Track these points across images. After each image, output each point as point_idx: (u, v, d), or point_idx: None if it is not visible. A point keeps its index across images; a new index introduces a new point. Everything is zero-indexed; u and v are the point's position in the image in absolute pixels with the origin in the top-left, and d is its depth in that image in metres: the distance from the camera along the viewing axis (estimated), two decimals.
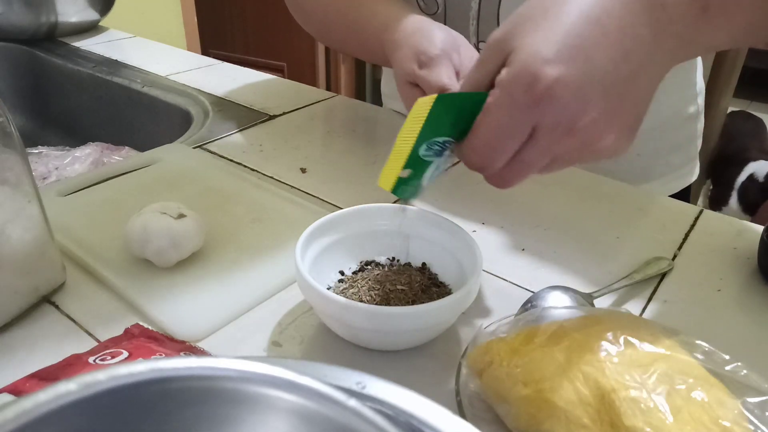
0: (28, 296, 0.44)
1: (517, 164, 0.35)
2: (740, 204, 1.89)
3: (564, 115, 0.32)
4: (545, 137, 0.33)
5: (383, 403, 0.21)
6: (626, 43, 0.32)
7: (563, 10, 0.31)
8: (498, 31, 0.34)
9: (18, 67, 1.10)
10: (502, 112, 0.32)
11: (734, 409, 0.31)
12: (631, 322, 0.37)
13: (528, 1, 0.34)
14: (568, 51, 0.31)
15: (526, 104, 0.31)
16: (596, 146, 0.34)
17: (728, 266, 0.53)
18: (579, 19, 0.31)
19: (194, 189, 0.61)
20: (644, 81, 0.34)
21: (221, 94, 0.89)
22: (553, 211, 0.60)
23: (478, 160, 0.35)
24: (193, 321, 0.43)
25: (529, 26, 0.32)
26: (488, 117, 0.33)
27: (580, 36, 0.31)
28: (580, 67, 0.31)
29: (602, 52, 0.31)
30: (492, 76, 0.34)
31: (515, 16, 0.33)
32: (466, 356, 0.38)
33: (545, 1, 0.33)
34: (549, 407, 0.32)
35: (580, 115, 0.32)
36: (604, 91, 0.32)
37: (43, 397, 0.16)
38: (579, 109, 0.32)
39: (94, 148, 0.85)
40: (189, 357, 0.18)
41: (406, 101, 0.52)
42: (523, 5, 0.34)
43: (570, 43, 0.31)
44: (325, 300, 0.39)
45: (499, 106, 0.32)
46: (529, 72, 0.31)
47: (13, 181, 0.40)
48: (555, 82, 0.30)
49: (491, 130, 0.33)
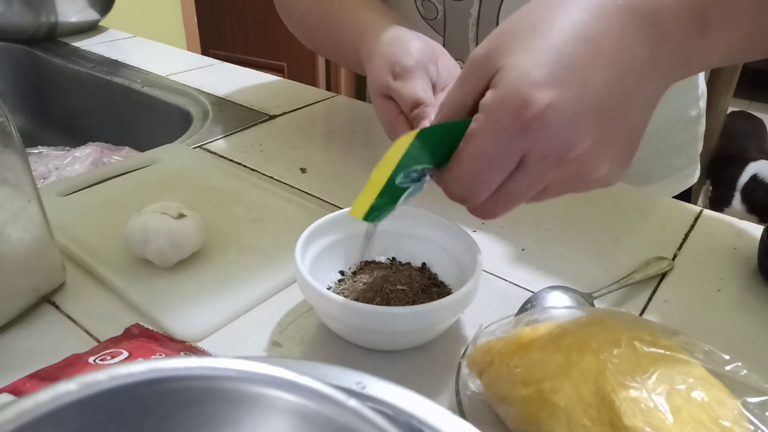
0: (28, 296, 0.44)
1: (503, 195, 0.32)
2: (744, 204, 1.88)
3: (555, 144, 0.29)
4: (534, 167, 0.30)
5: (383, 403, 0.21)
6: (621, 63, 0.29)
7: (553, 28, 0.29)
8: (481, 47, 0.31)
9: (18, 67, 1.10)
10: (487, 139, 0.29)
11: (734, 409, 0.31)
12: (631, 322, 0.37)
13: (513, 15, 0.31)
14: (560, 73, 0.28)
15: (514, 131, 0.28)
16: (590, 176, 0.32)
17: (728, 266, 0.53)
18: (571, 38, 0.29)
19: (194, 189, 0.61)
20: (640, 104, 0.31)
21: (221, 94, 0.89)
22: (553, 211, 0.60)
23: (460, 191, 0.32)
24: (193, 321, 0.43)
25: (516, 44, 0.29)
26: (472, 145, 0.30)
27: (573, 56, 0.28)
28: (573, 91, 0.28)
29: (596, 74, 0.29)
30: (475, 96, 0.31)
31: (500, 32, 0.31)
32: (466, 356, 0.38)
33: (532, 16, 0.30)
34: (549, 407, 0.32)
35: (573, 144, 0.29)
36: (598, 117, 0.29)
37: (43, 397, 0.16)
38: (571, 138, 0.29)
39: (94, 148, 0.85)
40: (189, 357, 0.18)
41: (380, 114, 0.50)
42: (508, 19, 0.31)
43: (562, 64, 0.28)
44: (324, 300, 0.39)
45: (483, 132, 0.29)
46: (518, 96, 0.28)
47: (13, 181, 0.40)
48: (546, 108, 0.28)
49: (475, 159, 0.30)
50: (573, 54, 0.28)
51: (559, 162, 0.30)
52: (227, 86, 0.92)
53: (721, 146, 2.01)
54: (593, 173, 0.32)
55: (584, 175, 0.32)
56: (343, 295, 0.43)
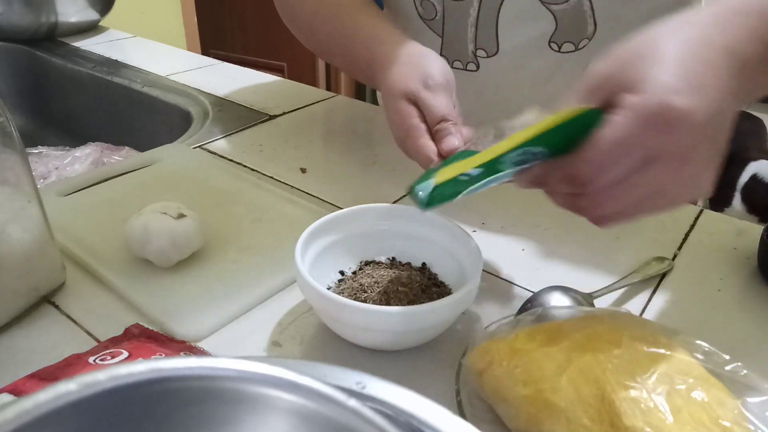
0: (28, 296, 0.44)
1: (622, 187, 0.34)
2: (745, 204, 1.88)
3: (684, 145, 0.33)
4: (661, 164, 0.33)
5: (383, 403, 0.21)
6: (724, 88, 0.33)
7: (673, 53, 0.33)
8: (601, 66, 0.35)
9: (18, 67, 1.10)
10: (629, 129, 0.32)
11: (734, 409, 0.31)
12: (631, 322, 0.37)
13: (625, 44, 0.35)
14: (692, 86, 0.32)
15: (655, 128, 0.32)
16: (697, 183, 0.35)
17: (728, 266, 0.53)
18: (692, 61, 0.33)
19: (194, 189, 0.61)
20: (728, 126, 0.35)
21: (221, 94, 0.89)
22: (553, 211, 0.60)
23: (588, 171, 0.34)
24: (193, 321, 0.43)
25: (647, 63, 0.33)
26: (612, 131, 0.33)
27: (698, 75, 0.32)
28: (702, 103, 0.32)
29: (713, 93, 0.33)
30: (599, 105, 0.35)
31: (620, 55, 0.34)
32: (466, 356, 0.38)
33: (648, 43, 0.34)
34: (549, 407, 0.32)
35: (697, 148, 0.33)
36: (713, 129, 0.33)
37: (43, 397, 0.16)
38: (697, 142, 0.33)
39: (94, 148, 0.85)
40: (189, 357, 0.18)
41: (399, 117, 0.49)
42: (621, 47, 0.35)
43: (692, 81, 0.32)
44: (324, 300, 0.39)
45: (627, 123, 0.32)
46: (664, 98, 0.32)
47: (13, 181, 0.40)
48: (686, 113, 0.31)
49: (614, 145, 0.33)
50: (698, 73, 0.33)
51: (682, 162, 0.33)
52: (227, 86, 0.92)
53: None
54: (701, 180, 0.35)
55: (695, 179, 0.35)
56: (343, 295, 0.43)
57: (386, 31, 0.56)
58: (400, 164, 0.68)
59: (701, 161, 0.34)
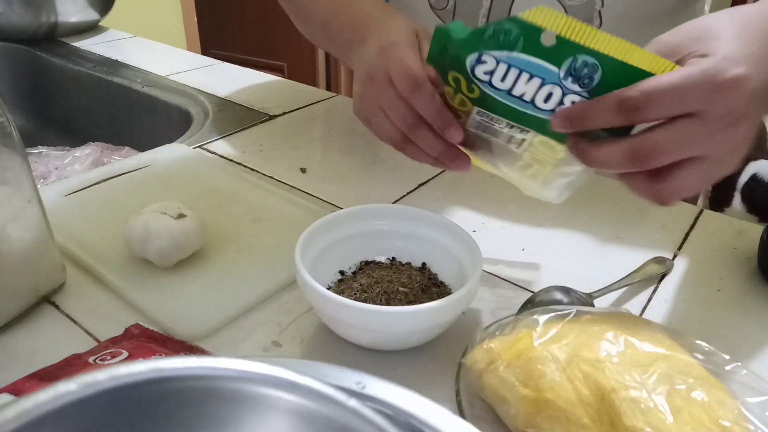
0: (28, 296, 0.44)
1: (674, 134, 0.36)
2: (744, 204, 1.88)
3: (738, 106, 0.35)
4: (713, 121, 0.35)
5: (383, 403, 0.21)
6: (764, 69, 0.37)
7: (730, 28, 0.37)
8: (669, 37, 0.38)
9: (18, 67, 1.10)
10: (689, 79, 0.34)
11: (734, 409, 0.31)
12: (631, 322, 0.37)
13: (684, 26, 0.39)
14: (748, 58, 0.35)
15: (712, 87, 0.34)
16: (738, 149, 0.37)
17: (728, 266, 0.53)
18: (749, 31, 0.37)
19: (194, 189, 0.61)
20: (761, 110, 0.38)
21: (221, 94, 0.89)
22: (553, 211, 0.60)
23: (641, 98, 0.35)
24: (193, 321, 0.43)
25: (709, 39, 0.37)
26: (674, 75, 0.35)
27: (753, 44, 0.36)
28: (755, 73, 0.35)
29: (760, 68, 0.36)
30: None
31: (683, 31, 0.38)
32: (466, 356, 0.38)
33: (709, 23, 0.38)
34: (549, 407, 0.32)
35: (746, 113, 0.36)
36: (761, 101, 0.36)
37: (43, 397, 0.16)
38: (748, 107, 0.36)
39: (94, 148, 0.85)
40: (189, 357, 0.18)
41: (408, 62, 0.43)
42: (680, 28, 0.38)
43: (746, 54, 0.36)
44: (324, 300, 0.39)
45: (688, 74, 0.35)
46: (727, 63, 0.35)
47: (13, 181, 0.40)
48: (744, 78, 0.35)
49: (671, 84, 0.35)
50: (753, 43, 0.37)
51: (732, 123, 0.36)
52: (227, 86, 0.92)
53: None
54: (742, 148, 0.37)
55: (738, 146, 0.37)
56: (344, 295, 0.43)
57: (377, 3, 0.54)
58: (400, 164, 0.68)
59: (749, 127, 0.37)
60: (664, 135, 0.36)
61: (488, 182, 0.65)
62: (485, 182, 0.65)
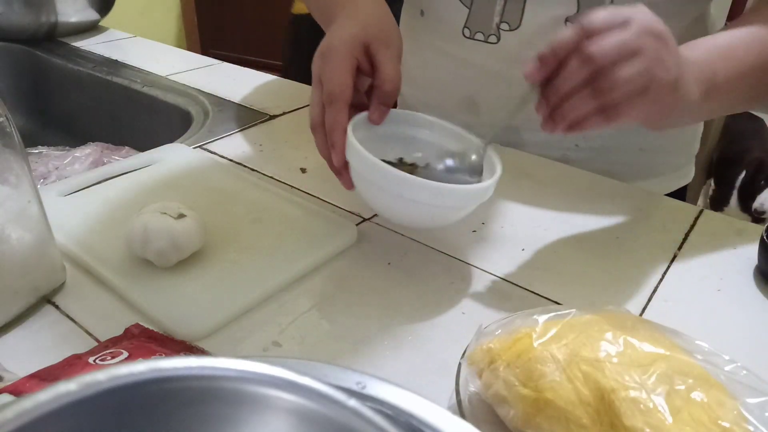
0: (28, 296, 0.44)
1: (615, 35, 0.42)
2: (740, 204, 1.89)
3: (659, 47, 0.43)
4: (636, 28, 0.42)
5: (383, 403, 0.21)
6: (694, 66, 0.47)
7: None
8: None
9: (18, 67, 1.10)
10: (626, 12, 0.43)
11: (734, 410, 0.31)
12: (631, 322, 0.37)
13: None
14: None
15: (648, 30, 0.43)
16: (663, 66, 0.43)
17: (728, 266, 0.53)
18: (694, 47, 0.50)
19: (194, 189, 0.61)
20: (686, 79, 0.46)
21: (221, 94, 0.89)
22: (553, 211, 0.60)
23: (597, 21, 0.42)
24: (193, 321, 0.43)
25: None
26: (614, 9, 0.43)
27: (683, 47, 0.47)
28: (695, 67, 0.47)
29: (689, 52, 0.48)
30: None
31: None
32: (466, 356, 0.38)
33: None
34: (549, 407, 0.32)
35: (667, 59, 0.44)
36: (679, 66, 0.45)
37: (43, 397, 0.16)
38: (668, 56, 0.43)
39: (94, 148, 0.85)
40: (189, 357, 0.18)
41: (341, 68, 0.49)
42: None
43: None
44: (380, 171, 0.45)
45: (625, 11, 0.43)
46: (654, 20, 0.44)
47: (13, 181, 0.40)
48: (666, 33, 0.44)
49: (613, 12, 0.42)
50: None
51: (652, 34, 0.43)
52: (227, 86, 0.92)
53: (724, 147, 2.01)
54: (666, 65, 0.44)
55: (662, 60, 0.43)
56: None
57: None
58: None
59: (667, 51, 0.44)
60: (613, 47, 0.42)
61: None
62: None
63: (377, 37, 0.50)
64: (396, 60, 0.51)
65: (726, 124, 2.00)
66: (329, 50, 0.50)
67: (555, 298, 0.48)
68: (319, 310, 0.46)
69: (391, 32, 0.52)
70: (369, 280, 0.50)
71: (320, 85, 0.50)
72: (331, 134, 0.49)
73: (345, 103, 0.48)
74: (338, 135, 0.48)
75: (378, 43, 0.50)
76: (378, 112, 0.51)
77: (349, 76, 0.49)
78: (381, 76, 0.50)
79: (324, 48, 0.51)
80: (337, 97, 0.48)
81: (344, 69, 0.49)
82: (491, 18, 0.68)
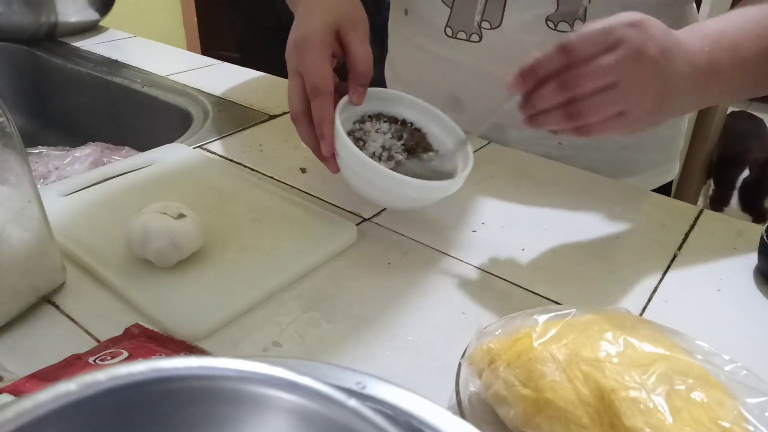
0: (28, 296, 0.44)
1: (602, 69, 0.42)
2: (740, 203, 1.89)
3: (648, 41, 0.43)
4: (624, 50, 0.42)
5: (383, 403, 0.21)
6: (682, 55, 0.46)
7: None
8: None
9: (18, 67, 1.10)
10: (609, 22, 0.44)
11: (734, 410, 0.31)
12: (631, 322, 0.37)
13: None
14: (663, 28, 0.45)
15: (628, 24, 0.43)
16: (645, 90, 0.44)
17: (728, 266, 0.53)
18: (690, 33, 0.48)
19: (194, 189, 0.61)
20: (677, 82, 0.46)
21: (221, 94, 0.89)
22: (553, 211, 0.60)
23: (576, 38, 0.43)
24: (193, 321, 0.43)
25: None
26: (598, 23, 0.44)
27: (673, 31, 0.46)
28: (661, 31, 0.45)
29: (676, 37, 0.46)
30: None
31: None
32: (466, 356, 0.38)
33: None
34: (549, 407, 0.32)
35: (654, 48, 0.43)
36: (664, 53, 0.44)
37: (43, 397, 0.16)
38: (657, 42, 0.44)
39: (94, 148, 0.85)
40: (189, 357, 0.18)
41: (319, 62, 0.51)
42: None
43: (665, 32, 0.45)
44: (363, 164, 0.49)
45: (608, 21, 0.44)
46: (639, 16, 0.44)
47: (13, 181, 0.40)
48: (647, 22, 0.44)
49: (598, 27, 0.43)
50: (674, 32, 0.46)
51: (639, 59, 0.43)
52: (227, 86, 0.92)
53: (723, 147, 2.01)
54: (645, 94, 0.44)
55: (644, 84, 0.44)
56: None
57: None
58: None
59: (656, 87, 0.44)
60: (593, 57, 0.43)
61: (488, 182, 0.65)
62: (485, 182, 0.65)
63: (345, 21, 0.52)
64: (365, 40, 0.53)
65: (726, 124, 2.00)
66: (303, 41, 0.51)
67: (555, 298, 0.48)
68: (319, 310, 0.46)
69: (356, 13, 0.54)
70: (369, 280, 0.50)
71: (298, 76, 0.52)
72: (320, 126, 0.50)
73: (330, 94, 0.50)
74: (327, 127, 0.50)
75: (347, 26, 0.52)
76: (356, 94, 0.53)
77: (328, 67, 0.51)
78: (353, 58, 0.52)
79: (298, 39, 0.52)
80: (321, 89, 0.50)
81: (323, 60, 0.50)
82: (473, 17, 0.69)
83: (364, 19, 0.55)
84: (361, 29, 0.53)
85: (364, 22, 0.54)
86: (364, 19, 0.55)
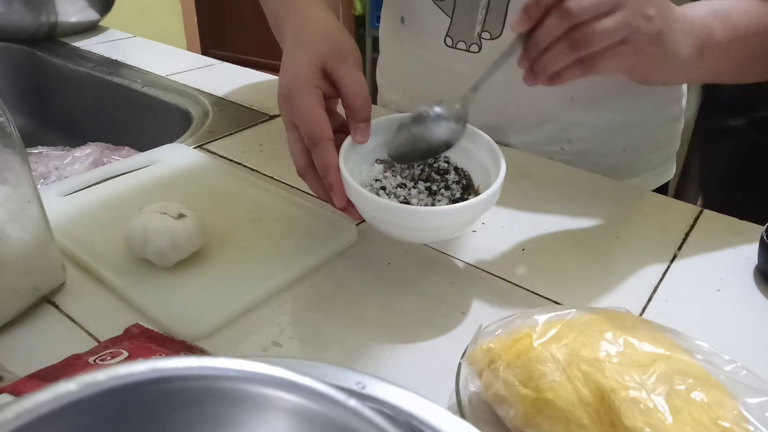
0: (28, 296, 0.44)
1: (602, 25, 0.44)
2: None
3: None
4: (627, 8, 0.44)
5: (383, 403, 0.21)
6: (684, 22, 0.50)
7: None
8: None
9: (18, 67, 1.10)
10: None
11: (734, 410, 0.31)
12: (631, 322, 0.37)
13: None
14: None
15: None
16: (657, 42, 0.46)
17: (728, 266, 0.53)
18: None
19: (194, 189, 0.61)
20: (676, 37, 0.49)
21: (221, 94, 0.89)
22: (553, 211, 0.60)
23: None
24: (193, 321, 0.43)
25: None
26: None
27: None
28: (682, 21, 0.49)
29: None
30: None
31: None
32: (466, 356, 0.38)
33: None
34: (549, 407, 0.32)
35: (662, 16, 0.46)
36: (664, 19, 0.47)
37: (43, 397, 0.16)
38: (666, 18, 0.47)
39: (94, 148, 0.85)
40: (189, 357, 0.18)
41: (311, 110, 0.47)
42: None
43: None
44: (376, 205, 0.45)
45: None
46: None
47: (13, 181, 0.40)
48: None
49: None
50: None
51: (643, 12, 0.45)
52: (227, 86, 0.92)
53: None
54: (647, 17, 0.45)
55: (643, 12, 0.45)
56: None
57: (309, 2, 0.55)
58: None
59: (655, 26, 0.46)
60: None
61: None
62: None
63: (330, 55, 0.48)
64: (355, 71, 0.49)
65: None
66: (290, 91, 0.48)
67: (555, 298, 0.48)
68: (319, 310, 0.46)
69: (342, 43, 0.50)
70: (369, 280, 0.50)
71: (294, 128, 0.48)
72: (326, 177, 0.46)
73: (329, 140, 0.46)
74: (333, 176, 0.45)
75: (333, 59, 0.48)
76: (358, 132, 0.48)
77: (321, 112, 0.47)
78: (346, 93, 0.48)
79: (284, 90, 0.49)
80: (318, 137, 0.46)
81: (314, 106, 0.47)
82: (473, 27, 0.68)
83: (352, 47, 0.50)
84: (350, 59, 0.49)
85: (353, 51, 0.50)
86: (353, 48, 0.50)
